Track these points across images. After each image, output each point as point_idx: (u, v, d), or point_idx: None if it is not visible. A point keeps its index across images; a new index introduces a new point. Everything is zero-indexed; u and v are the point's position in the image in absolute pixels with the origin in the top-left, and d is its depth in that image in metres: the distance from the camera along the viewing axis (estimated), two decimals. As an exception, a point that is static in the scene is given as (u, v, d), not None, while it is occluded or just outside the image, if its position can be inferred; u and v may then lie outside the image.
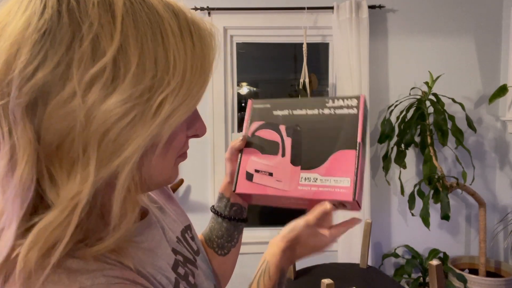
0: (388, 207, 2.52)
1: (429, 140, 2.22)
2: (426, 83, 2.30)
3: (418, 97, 2.30)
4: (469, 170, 2.38)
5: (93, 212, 0.39)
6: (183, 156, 0.50)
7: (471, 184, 2.35)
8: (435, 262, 1.34)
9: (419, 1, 2.41)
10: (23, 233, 0.36)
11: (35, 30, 0.35)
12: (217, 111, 2.41)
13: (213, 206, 0.72)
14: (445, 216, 2.10)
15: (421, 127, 2.27)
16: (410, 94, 2.39)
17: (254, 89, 2.74)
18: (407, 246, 2.45)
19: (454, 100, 2.26)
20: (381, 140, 2.33)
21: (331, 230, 0.59)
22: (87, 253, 0.38)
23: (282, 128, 0.66)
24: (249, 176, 0.65)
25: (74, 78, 0.35)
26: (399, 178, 2.34)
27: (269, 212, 3.06)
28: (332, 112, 0.64)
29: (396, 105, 2.32)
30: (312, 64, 2.52)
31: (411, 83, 2.43)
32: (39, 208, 0.38)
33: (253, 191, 0.64)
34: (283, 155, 0.64)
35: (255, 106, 0.70)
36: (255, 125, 0.68)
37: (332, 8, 2.32)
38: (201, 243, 0.67)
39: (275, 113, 0.68)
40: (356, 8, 2.26)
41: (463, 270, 2.28)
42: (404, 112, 2.30)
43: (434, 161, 2.17)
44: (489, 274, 2.27)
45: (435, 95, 2.25)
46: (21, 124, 0.35)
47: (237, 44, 2.48)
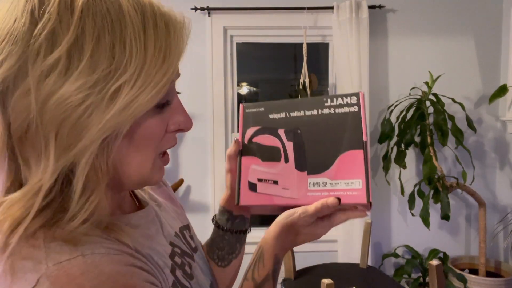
0: (388, 207, 2.52)
1: (429, 140, 2.22)
2: (426, 83, 2.30)
3: (418, 97, 2.30)
4: (469, 170, 2.38)
5: (61, 194, 0.41)
6: (164, 158, 0.49)
7: (471, 184, 2.35)
8: (435, 262, 1.34)
9: (419, 1, 2.41)
10: None
11: (0, 29, 0.39)
12: (217, 111, 2.41)
13: (214, 218, 0.71)
14: (445, 216, 2.10)
15: (421, 127, 2.27)
16: (410, 94, 2.39)
17: (254, 89, 2.74)
18: (407, 246, 2.45)
19: (454, 100, 2.26)
20: (381, 140, 2.33)
21: (331, 218, 0.57)
22: (67, 237, 0.39)
23: (281, 132, 0.62)
24: (252, 187, 0.61)
25: (30, 71, 0.38)
26: (399, 178, 2.34)
27: (269, 212, 3.05)
28: (332, 112, 0.61)
29: (396, 105, 2.32)
30: (312, 64, 2.52)
31: (411, 83, 2.43)
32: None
33: (259, 202, 0.61)
34: (286, 160, 0.61)
35: (247, 110, 0.66)
36: (251, 130, 0.64)
37: (332, 8, 2.31)
38: (200, 244, 0.67)
39: (271, 116, 0.64)
40: (356, 8, 2.26)
41: (463, 270, 2.28)
42: (404, 112, 2.30)
43: (434, 161, 2.17)
44: (489, 274, 2.27)
45: (435, 95, 2.25)
46: None
47: (237, 44, 2.48)
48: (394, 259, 2.50)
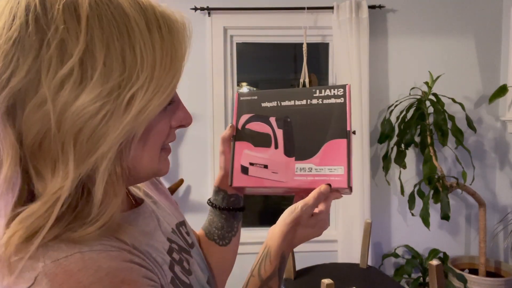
0: (388, 207, 2.52)
1: (429, 140, 2.22)
2: (426, 83, 2.30)
3: (418, 97, 2.30)
4: (469, 170, 2.38)
5: (80, 200, 0.41)
6: (167, 149, 0.51)
7: (471, 184, 2.35)
8: (435, 262, 1.34)
9: (419, 1, 2.41)
10: (9, 222, 0.39)
11: (6, 40, 0.37)
12: (217, 111, 2.41)
13: (209, 200, 0.74)
14: (445, 216, 2.10)
15: (421, 127, 2.27)
16: (410, 94, 2.39)
17: (254, 89, 2.74)
18: (407, 246, 2.45)
19: (454, 100, 2.26)
20: (381, 140, 2.33)
21: (324, 204, 0.61)
22: (70, 238, 0.40)
23: (272, 120, 0.67)
24: (245, 170, 0.67)
25: (43, 83, 0.37)
26: (399, 178, 2.34)
27: (269, 212, 3.06)
28: (320, 102, 0.65)
29: (396, 105, 2.32)
30: (312, 64, 2.52)
31: (411, 83, 2.43)
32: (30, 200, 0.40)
33: (250, 184, 0.66)
34: (276, 147, 0.66)
35: (242, 98, 0.70)
36: (245, 117, 0.69)
37: (332, 8, 2.32)
38: (196, 240, 0.68)
39: (264, 105, 0.68)
40: (356, 8, 2.26)
41: (463, 270, 2.28)
42: (404, 112, 2.30)
43: (434, 161, 2.17)
44: (489, 274, 2.27)
45: (435, 95, 2.25)
46: (2, 128, 0.38)
47: (237, 44, 2.48)
48: (394, 259, 2.50)
